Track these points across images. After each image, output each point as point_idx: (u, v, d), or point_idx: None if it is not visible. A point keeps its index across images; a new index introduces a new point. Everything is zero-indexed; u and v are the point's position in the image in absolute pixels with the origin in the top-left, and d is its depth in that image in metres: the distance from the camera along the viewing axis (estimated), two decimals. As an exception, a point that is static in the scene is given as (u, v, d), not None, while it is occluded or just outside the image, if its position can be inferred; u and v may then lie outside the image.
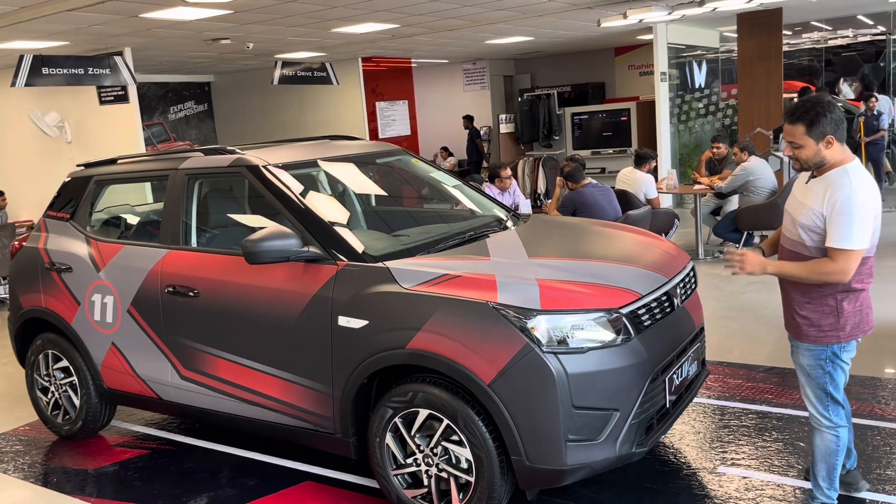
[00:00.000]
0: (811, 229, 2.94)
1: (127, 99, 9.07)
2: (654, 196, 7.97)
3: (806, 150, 2.91)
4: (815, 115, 2.88)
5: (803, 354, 3.08)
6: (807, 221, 2.95)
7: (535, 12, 9.04)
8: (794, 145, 2.93)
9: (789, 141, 2.95)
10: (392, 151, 4.79)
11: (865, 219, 2.85)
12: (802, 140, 2.90)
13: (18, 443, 4.81)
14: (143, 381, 4.21)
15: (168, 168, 4.27)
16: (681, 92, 12.69)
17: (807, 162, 2.95)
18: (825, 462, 3.11)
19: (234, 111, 14.14)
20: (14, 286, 4.86)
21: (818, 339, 3.01)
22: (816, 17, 13.66)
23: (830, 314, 2.98)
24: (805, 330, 3.03)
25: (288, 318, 3.53)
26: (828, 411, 3.07)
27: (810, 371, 3.06)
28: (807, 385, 3.10)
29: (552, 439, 2.97)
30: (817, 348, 3.02)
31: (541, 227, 4.36)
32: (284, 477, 4.01)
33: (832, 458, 3.09)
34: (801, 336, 3.05)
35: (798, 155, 2.94)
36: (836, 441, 3.07)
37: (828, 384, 3.05)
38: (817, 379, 3.06)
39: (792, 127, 2.92)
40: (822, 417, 3.08)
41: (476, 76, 16.07)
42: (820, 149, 2.90)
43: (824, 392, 3.06)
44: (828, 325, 2.99)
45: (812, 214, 2.93)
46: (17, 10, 6.35)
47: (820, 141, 2.89)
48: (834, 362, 3.03)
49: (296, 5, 7.19)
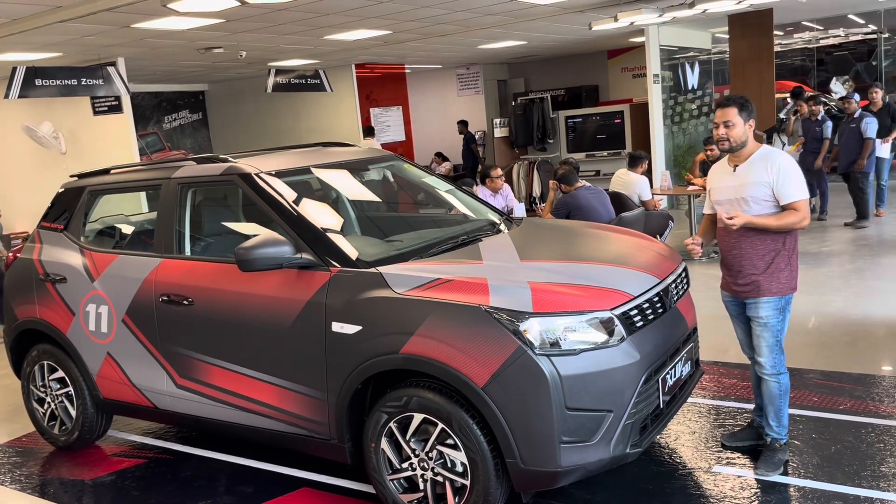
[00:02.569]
0: (763, 199, 3.52)
1: (121, 109, 9.08)
2: (648, 198, 7.99)
3: (737, 129, 3.53)
4: (744, 100, 3.59)
5: (762, 307, 3.58)
6: (757, 193, 3.52)
7: (526, 16, 9.07)
8: (728, 124, 3.53)
9: (724, 122, 3.54)
10: (384, 157, 4.80)
11: (801, 175, 3.56)
12: (735, 120, 3.52)
13: (15, 454, 4.80)
14: (139, 391, 4.21)
15: (161, 177, 4.28)
16: (674, 93, 12.73)
17: (736, 140, 3.54)
18: (772, 405, 3.67)
19: (228, 119, 14.15)
20: (9, 297, 4.86)
21: (779, 291, 3.57)
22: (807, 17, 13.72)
23: (785, 268, 3.58)
24: (766, 286, 3.56)
25: (282, 324, 3.54)
26: (774, 358, 3.62)
27: (769, 321, 3.59)
28: (762, 336, 3.61)
29: (546, 441, 2.98)
30: (776, 299, 3.57)
31: (533, 231, 4.38)
32: (281, 483, 4.01)
33: (778, 401, 3.65)
34: (762, 292, 3.57)
35: (730, 133, 3.53)
36: (779, 387, 3.64)
37: (781, 331, 3.62)
38: (774, 327, 3.60)
39: (723, 110, 3.56)
40: (769, 366, 3.63)
41: (470, 81, 16.10)
42: (746, 128, 3.55)
43: (776, 340, 3.61)
44: (784, 278, 3.58)
45: (760, 186, 3.52)
46: (10, 23, 6.36)
47: (746, 122, 3.54)
48: (785, 310, 3.62)
49: (288, 13, 7.21)
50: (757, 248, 3.57)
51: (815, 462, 3.72)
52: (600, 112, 13.54)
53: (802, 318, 5.87)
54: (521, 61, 15.91)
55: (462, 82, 16.19)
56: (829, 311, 5.99)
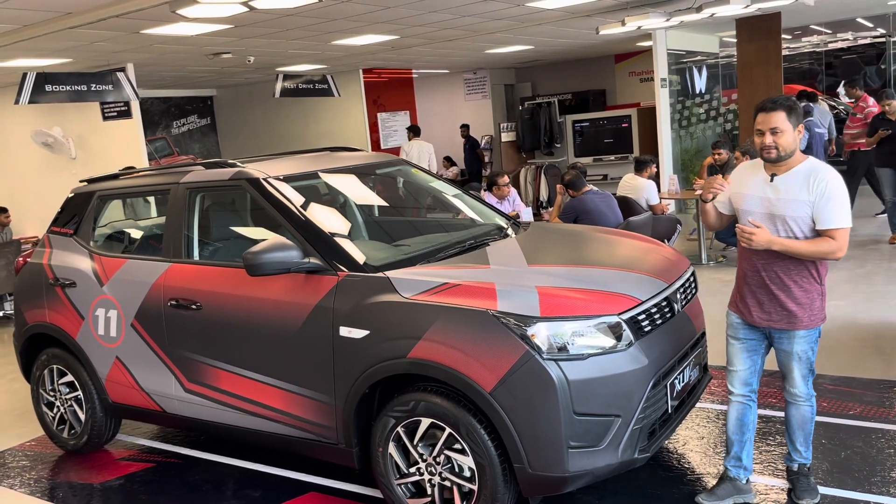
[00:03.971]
0: (801, 219, 3.11)
1: (130, 114, 9.13)
2: (655, 202, 7.97)
3: (787, 136, 3.08)
4: (792, 104, 3.13)
5: (797, 342, 3.24)
6: (796, 213, 3.11)
7: (533, 21, 9.08)
8: (777, 130, 3.07)
9: (771, 129, 3.08)
10: (392, 162, 4.81)
11: (848, 200, 3.12)
12: (785, 125, 3.07)
13: (24, 458, 4.82)
14: (148, 395, 4.23)
15: (169, 182, 4.30)
16: (681, 97, 12.71)
17: (786, 149, 3.09)
18: (802, 430, 3.37)
19: (236, 124, 14.20)
20: (19, 302, 4.89)
21: (811, 323, 3.22)
22: (816, 20, 13.69)
23: (818, 298, 3.23)
24: (800, 317, 3.21)
25: (289, 329, 3.54)
26: (808, 386, 3.32)
27: (803, 355, 3.26)
28: (797, 369, 3.28)
29: (554, 446, 2.97)
30: (811, 332, 3.24)
31: (541, 235, 4.38)
32: (289, 488, 4.02)
33: (808, 425, 3.37)
34: (797, 324, 3.21)
35: (779, 141, 3.08)
36: (812, 410, 3.36)
37: (814, 362, 3.32)
38: (809, 360, 3.28)
39: (772, 114, 3.08)
40: (805, 394, 3.32)
41: (477, 85, 16.12)
42: (795, 135, 3.11)
43: (810, 370, 3.31)
44: (817, 308, 3.23)
45: (800, 205, 3.10)
46: (20, 29, 6.41)
47: (796, 127, 3.11)
48: (817, 340, 3.30)
49: (295, 19, 7.24)
50: (793, 275, 3.17)
51: (824, 468, 3.70)
52: (608, 116, 13.54)
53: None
54: (529, 66, 15.91)
55: (469, 87, 16.20)
56: (838, 316, 5.95)
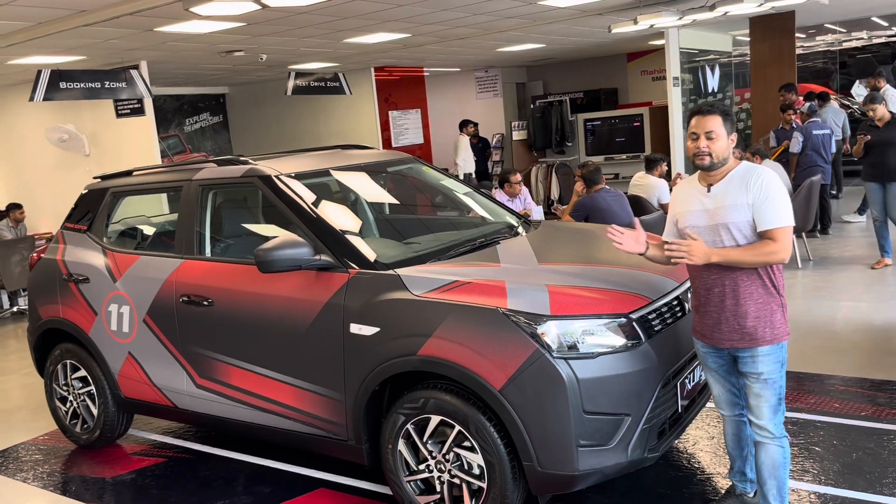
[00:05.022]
0: (743, 224, 2.94)
1: (143, 112, 9.18)
2: (667, 201, 7.94)
3: (720, 141, 2.97)
4: (727, 109, 3.01)
5: (762, 361, 2.97)
6: (738, 218, 2.94)
7: (545, 19, 9.06)
8: (712, 135, 2.96)
9: (706, 132, 2.97)
10: (403, 160, 4.82)
11: (787, 198, 2.96)
12: (720, 130, 2.96)
13: (38, 452, 4.87)
14: (159, 390, 4.26)
15: (182, 179, 4.33)
16: (694, 96, 12.65)
17: (719, 155, 2.97)
18: (775, 478, 3.03)
19: (248, 122, 14.26)
20: (33, 297, 4.93)
21: (774, 338, 2.97)
22: (830, 19, 13.59)
23: (778, 310, 2.99)
24: (762, 333, 2.96)
25: (300, 326, 3.56)
26: (777, 418, 3.01)
27: (770, 377, 2.98)
28: (763, 395, 2.99)
29: (563, 445, 2.97)
30: (775, 348, 2.98)
31: (551, 233, 4.37)
32: (299, 484, 4.04)
33: (780, 471, 3.03)
34: (758, 341, 2.96)
35: (712, 146, 2.96)
36: (783, 452, 3.02)
37: (782, 387, 3.02)
38: (776, 383, 2.99)
39: (708, 118, 2.98)
40: (772, 428, 3.00)
41: (488, 84, 16.10)
42: (728, 143, 2.99)
43: (779, 398, 3.00)
44: (778, 321, 2.99)
45: (740, 210, 2.94)
46: (35, 26, 6.46)
47: (730, 134, 3.00)
48: (784, 363, 3.02)
49: (308, 17, 7.26)
50: (746, 287, 2.95)
51: (835, 469, 3.68)
52: (619, 115, 13.50)
53: (824, 324, 5.80)
54: (540, 64, 15.88)
55: (481, 85, 16.19)
56: (851, 317, 5.91)
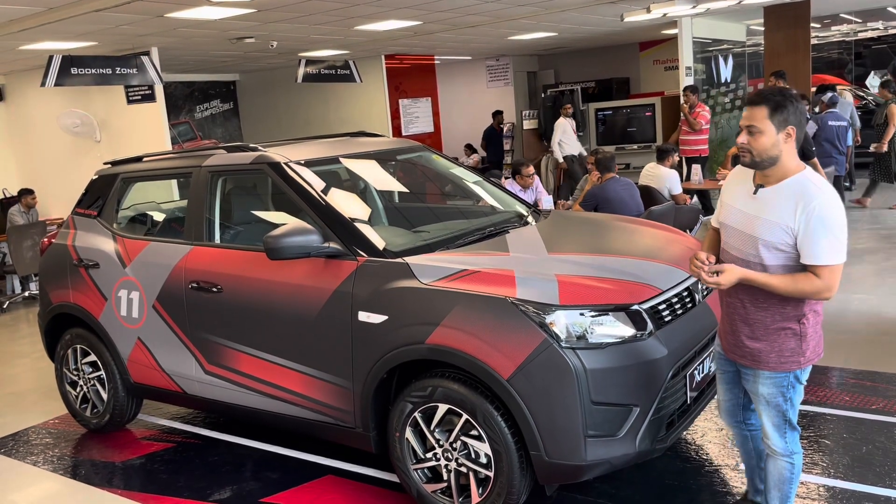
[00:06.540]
0: (777, 247, 2.59)
1: (154, 98, 9.20)
2: (678, 192, 7.89)
3: (765, 138, 2.59)
4: (781, 99, 2.58)
5: (763, 383, 2.75)
6: (772, 238, 2.59)
7: (557, 7, 9.00)
8: (753, 129, 2.60)
9: (746, 126, 2.62)
10: (413, 148, 4.81)
11: (844, 230, 2.56)
12: (763, 124, 2.58)
13: (48, 436, 4.91)
14: (168, 376, 4.28)
15: (192, 165, 4.33)
16: (706, 86, 12.54)
17: (761, 154, 2.60)
18: (779, 490, 2.90)
19: (259, 109, 14.26)
20: (44, 282, 4.96)
21: (779, 366, 2.70)
22: (845, 9, 13.44)
23: (792, 338, 2.67)
24: (764, 357, 2.71)
25: (309, 313, 3.56)
26: (784, 438, 2.81)
27: (770, 399, 2.76)
28: (764, 413, 2.80)
29: (571, 435, 2.96)
30: (779, 375, 2.72)
31: (561, 223, 4.35)
32: (306, 470, 4.05)
33: (786, 485, 2.87)
34: (760, 364, 2.73)
35: (753, 144, 2.61)
36: (791, 469, 2.85)
37: (788, 411, 2.77)
38: (780, 407, 2.77)
39: (753, 109, 2.61)
40: (778, 447, 2.83)
41: (499, 72, 16.03)
42: (779, 139, 2.59)
43: (783, 419, 2.79)
44: (789, 350, 2.69)
45: (779, 230, 2.58)
46: (46, 12, 6.47)
47: (781, 130, 2.59)
48: (794, 387, 2.75)
49: (319, 3, 7.24)
50: (759, 306, 2.69)
51: (845, 462, 3.66)
52: (631, 105, 13.42)
53: (835, 316, 5.77)
54: (552, 53, 15.80)
55: (492, 74, 16.12)
56: (862, 309, 5.87)
